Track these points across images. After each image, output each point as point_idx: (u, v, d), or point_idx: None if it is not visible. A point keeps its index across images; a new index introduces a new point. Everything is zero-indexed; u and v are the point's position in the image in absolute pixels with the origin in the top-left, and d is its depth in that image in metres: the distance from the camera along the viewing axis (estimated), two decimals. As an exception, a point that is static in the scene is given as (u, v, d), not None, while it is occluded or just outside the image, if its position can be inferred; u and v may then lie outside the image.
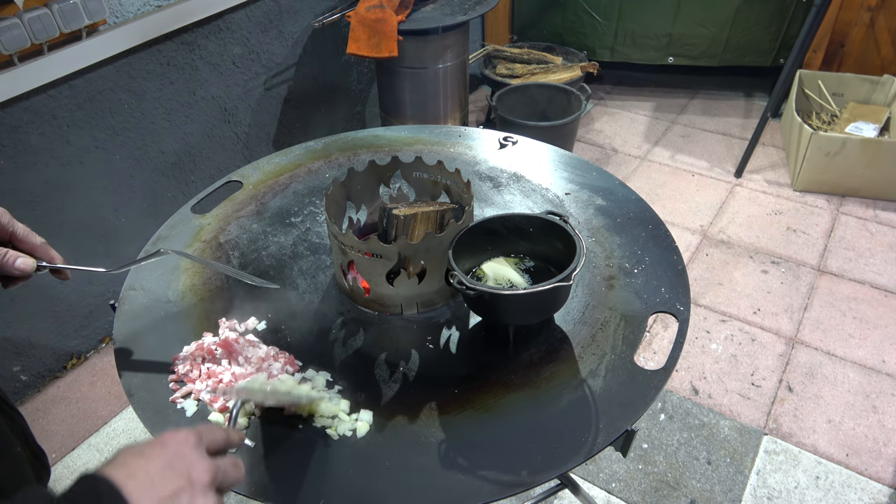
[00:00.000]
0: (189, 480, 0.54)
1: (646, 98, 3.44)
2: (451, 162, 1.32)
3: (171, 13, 1.88)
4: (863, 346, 2.02)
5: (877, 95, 2.85)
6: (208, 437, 0.60)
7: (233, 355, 0.93)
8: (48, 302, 1.88)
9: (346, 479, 0.79)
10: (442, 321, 1.01)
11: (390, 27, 2.19)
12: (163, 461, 0.54)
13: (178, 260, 1.14)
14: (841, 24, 2.91)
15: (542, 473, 0.78)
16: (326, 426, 0.85)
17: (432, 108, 2.57)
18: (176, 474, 0.54)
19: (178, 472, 0.54)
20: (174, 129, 2.05)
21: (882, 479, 1.66)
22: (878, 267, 2.31)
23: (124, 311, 1.04)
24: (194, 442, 0.57)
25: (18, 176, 1.69)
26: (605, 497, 1.65)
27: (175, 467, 0.54)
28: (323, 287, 1.08)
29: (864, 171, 2.54)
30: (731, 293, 2.24)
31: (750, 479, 1.68)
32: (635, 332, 0.96)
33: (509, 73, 3.11)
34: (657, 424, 1.82)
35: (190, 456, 0.56)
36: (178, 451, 0.56)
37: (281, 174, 1.37)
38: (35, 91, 1.65)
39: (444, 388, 0.90)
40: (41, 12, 1.56)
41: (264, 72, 2.30)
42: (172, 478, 0.53)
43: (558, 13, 3.30)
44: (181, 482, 0.54)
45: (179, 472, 0.54)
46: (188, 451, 0.56)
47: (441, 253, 0.95)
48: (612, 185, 1.28)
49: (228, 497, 1.68)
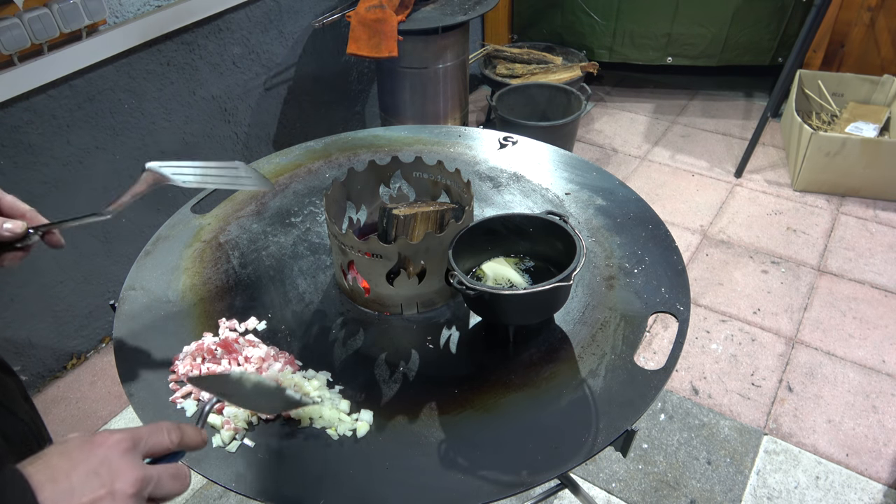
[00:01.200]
0: (111, 490, 0.51)
1: (646, 98, 3.44)
2: (451, 162, 1.32)
3: (171, 13, 1.88)
4: (863, 346, 2.02)
5: (877, 95, 2.85)
6: (150, 442, 0.56)
7: (233, 355, 0.93)
8: (48, 302, 1.88)
9: (346, 479, 0.79)
10: (442, 321, 1.01)
11: (390, 27, 2.19)
12: (88, 466, 0.51)
13: (177, 260, 1.14)
14: (841, 24, 2.91)
15: (542, 473, 0.78)
16: (326, 426, 0.85)
17: (432, 108, 2.57)
18: (99, 482, 0.51)
19: (101, 479, 0.51)
20: (174, 129, 2.05)
21: (882, 479, 1.66)
22: (878, 267, 2.31)
23: (124, 311, 1.04)
24: (126, 447, 0.54)
25: (18, 176, 1.69)
26: (605, 497, 1.65)
27: (99, 474, 0.51)
28: (323, 287, 1.08)
29: (864, 171, 2.54)
30: (731, 293, 2.24)
31: (750, 479, 1.68)
32: (635, 332, 0.96)
33: (509, 73, 3.11)
34: (657, 424, 1.82)
35: (117, 463, 0.53)
36: (106, 457, 0.53)
37: (281, 174, 1.37)
38: (35, 91, 1.65)
39: (444, 388, 0.90)
40: (41, 12, 1.56)
41: (264, 72, 2.30)
42: (94, 486, 0.51)
43: (557, 13, 3.30)
44: (101, 491, 0.51)
45: (103, 480, 0.51)
46: (116, 456, 0.53)
47: (441, 253, 0.95)
48: (612, 185, 1.28)
49: (228, 497, 1.68)
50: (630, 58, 3.27)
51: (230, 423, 0.84)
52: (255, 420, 0.85)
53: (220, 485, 0.79)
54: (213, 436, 0.84)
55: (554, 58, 3.21)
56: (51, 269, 1.85)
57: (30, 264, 1.78)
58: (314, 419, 0.85)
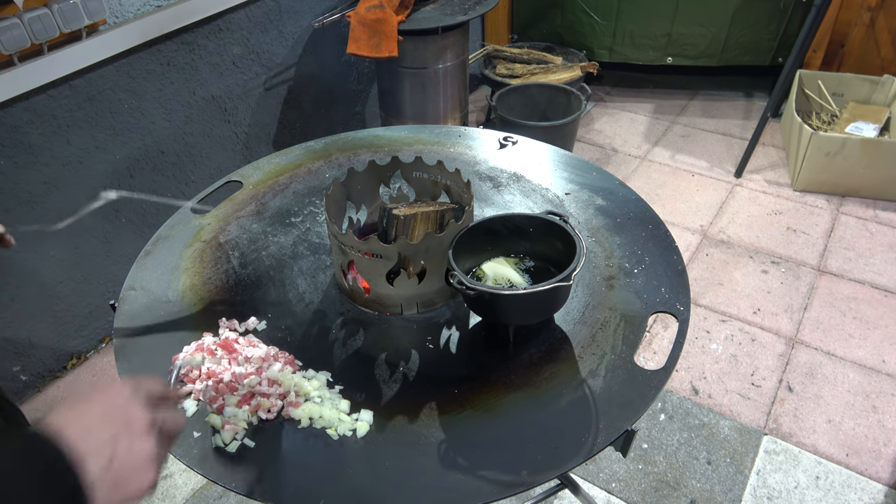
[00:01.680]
0: (126, 425, 0.56)
1: (646, 98, 3.44)
2: (451, 162, 1.32)
3: (171, 13, 1.88)
4: (863, 346, 2.02)
5: (877, 95, 2.85)
6: (144, 388, 0.61)
7: (233, 355, 0.93)
8: (48, 302, 1.88)
9: (346, 479, 0.79)
10: (442, 321, 1.01)
11: (390, 27, 2.19)
12: (98, 411, 0.56)
13: (177, 260, 1.14)
14: (841, 24, 2.91)
15: (542, 473, 0.78)
16: (326, 426, 0.85)
17: (432, 108, 2.57)
18: (112, 421, 0.56)
19: (114, 418, 0.56)
20: (174, 129, 2.05)
21: (882, 479, 1.66)
22: (878, 267, 2.31)
23: (124, 311, 1.04)
24: (128, 393, 0.59)
25: (18, 176, 1.69)
26: (605, 497, 1.65)
27: (111, 415, 0.56)
28: (323, 287, 1.08)
29: (864, 171, 2.54)
30: (731, 293, 2.24)
31: (750, 479, 1.68)
32: (635, 332, 0.96)
33: (509, 73, 3.11)
34: (657, 424, 1.82)
35: (124, 405, 0.58)
36: (112, 402, 0.58)
37: (281, 174, 1.37)
38: (35, 91, 1.65)
39: (444, 388, 0.90)
40: (41, 12, 1.56)
41: (264, 72, 2.30)
42: (109, 424, 0.55)
43: (557, 13, 3.30)
44: (118, 427, 0.56)
45: (115, 419, 0.56)
46: (122, 401, 0.58)
47: (441, 253, 0.95)
48: (612, 185, 1.28)
49: (228, 497, 1.68)
50: (630, 58, 3.27)
51: (230, 424, 0.84)
52: (255, 420, 0.86)
53: (220, 485, 0.79)
54: (214, 436, 0.84)
55: (554, 58, 3.21)
56: (51, 269, 1.85)
57: (30, 264, 1.78)
58: (314, 419, 0.86)
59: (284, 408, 0.87)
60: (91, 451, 0.53)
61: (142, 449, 0.57)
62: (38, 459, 0.50)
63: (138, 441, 0.57)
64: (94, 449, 0.53)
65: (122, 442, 0.55)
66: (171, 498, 1.69)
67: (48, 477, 0.50)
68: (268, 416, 0.86)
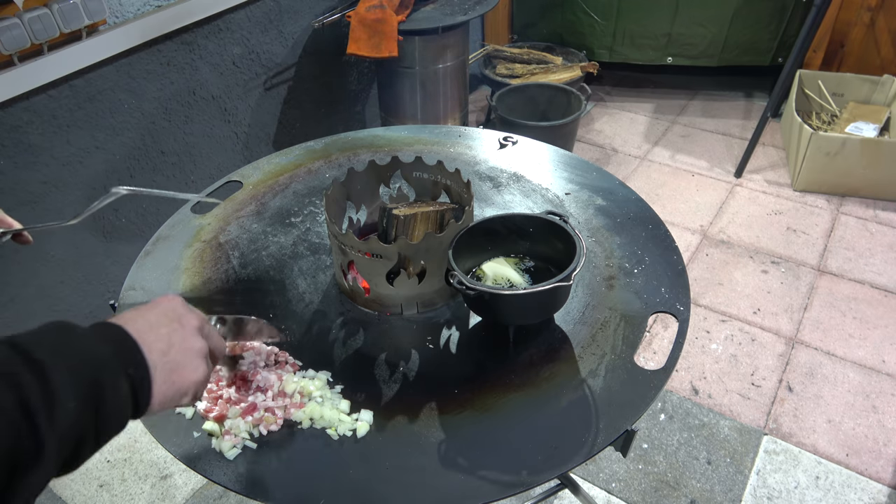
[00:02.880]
0: (181, 323, 0.65)
1: (646, 98, 3.44)
2: (451, 162, 1.32)
3: (171, 13, 1.88)
4: (863, 346, 2.02)
5: (877, 95, 2.85)
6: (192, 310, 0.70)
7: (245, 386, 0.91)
8: (48, 302, 1.88)
9: (346, 479, 0.79)
10: (442, 321, 1.01)
11: (390, 27, 2.19)
12: (156, 312, 0.65)
13: (177, 260, 1.14)
14: (841, 24, 2.91)
15: (542, 473, 0.78)
16: (326, 426, 0.85)
17: (432, 108, 2.57)
18: (168, 318, 0.65)
19: (170, 317, 0.65)
20: (174, 129, 2.05)
21: (882, 479, 1.66)
22: (878, 267, 2.31)
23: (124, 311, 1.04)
24: (181, 301, 0.69)
25: (18, 176, 1.69)
26: (605, 497, 1.65)
27: (167, 314, 0.65)
28: (323, 287, 1.08)
29: (864, 171, 2.54)
30: (731, 293, 2.24)
31: (750, 479, 1.68)
32: (635, 332, 0.96)
33: (509, 73, 3.11)
34: (657, 424, 1.82)
35: (178, 309, 0.67)
36: (168, 306, 0.67)
37: (281, 174, 1.37)
38: (35, 91, 1.65)
39: (444, 388, 0.90)
40: (41, 12, 1.56)
41: (264, 72, 2.30)
42: (166, 321, 0.64)
43: (557, 13, 3.30)
44: (174, 324, 0.65)
45: (171, 318, 0.65)
46: (176, 305, 0.68)
47: (441, 253, 0.95)
48: (612, 185, 1.28)
49: (228, 497, 1.68)
50: (630, 58, 3.27)
51: (230, 434, 0.83)
52: (257, 433, 0.85)
53: (221, 485, 0.79)
54: (213, 440, 0.84)
55: (554, 58, 3.21)
56: (51, 269, 1.85)
57: (30, 264, 1.78)
58: (314, 419, 0.85)
59: (287, 409, 0.86)
60: (152, 339, 0.61)
61: (193, 344, 0.65)
62: (109, 338, 0.58)
63: (191, 338, 0.65)
64: (155, 338, 0.61)
65: (177, 335, 0.64)
66: (171, 498, 1.69)
67: (119, 353, 0.58)
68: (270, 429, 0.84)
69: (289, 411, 0.86)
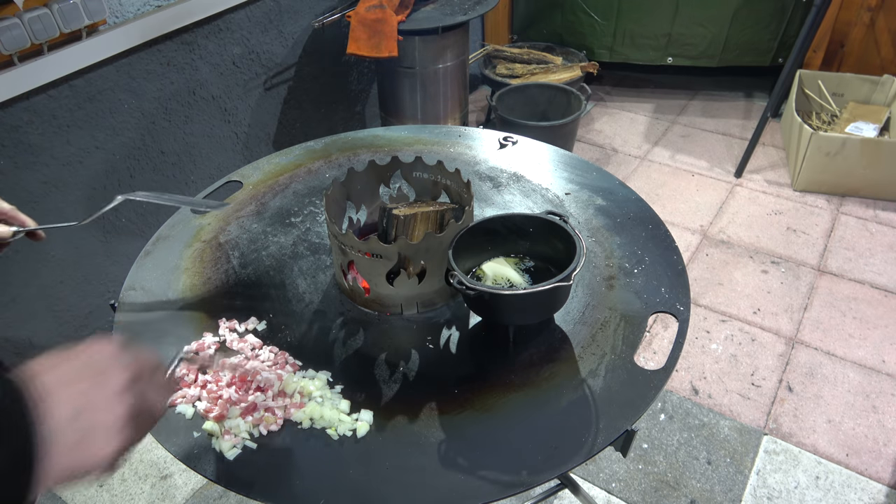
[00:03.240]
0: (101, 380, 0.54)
1: (646, 98, 3.44)
2: (451, 162, 1.32)
3: (171, 13, 1.88)
4: (863, 346, 2.02)
5: (877, 95, 2.85)
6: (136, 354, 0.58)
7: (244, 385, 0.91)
8: (48, 302, 1.88)
9: (346, 479, 0.79)
10: (442, 321, 1.01)
11: (390, 27, 2.19)
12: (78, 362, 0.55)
13: (177, 260, 1.14)
14: (841, 24, 2.91)
15: (542, 473, 0.78)
16: (326, 426, 0.85)
17: (432, 108, 2.57)
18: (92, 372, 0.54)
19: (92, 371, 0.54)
20: (174, 129, 2.05)
21: (882, 479, 1.66)
22: (878, 267, 2.31)
23: (124, 311, 1.04)
24: (114, 351, 0.57)
25: (18, 176, 1.69)
26: (605, 497, 1.65)
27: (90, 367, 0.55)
28: (323, 287, 1.08)
29: (864, 171, 2.54)
30: (731, 293, 2.24)
31: (750, 479, 1.68)
32: (635, 332, 0.96)
33: (509, 73, 3.11)
34: (657, 424, 1.82)
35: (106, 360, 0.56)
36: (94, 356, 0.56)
37: (281, 174, 1.37)
38: (35, 91, 1.65)
39: (444, 388, 0.90)
40: (41, 12, 1.56)
41: (264, 72, 2.30)
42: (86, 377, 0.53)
43: (557, 13, 3.30)
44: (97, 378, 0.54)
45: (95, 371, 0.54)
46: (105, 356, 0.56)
47: (441, 253, 0.95)
48: (612, 185, 1.28)
49: (228, 497, 1.68)
50: (630, 58, 3.27)
51: (230, 434, 0.83)
52: (257, 433, 0.85)
53: (220, 485, 0.79)
54: (212, 439, 0.84)
55: (554, 58, 3.21)
56: (51, 269, 1.85)
57: (30, 264, 1.78)
58: (314, 419, 0.85)
59: (287, 409, 0.86)
60: (62, 398, 0.50)
61: (113, 410, 0.53)
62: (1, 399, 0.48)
63: (112, 400, 0.53)
64: (66, 397, 0.51)
65: (93, 396, 0.52)
66: (171, 498, 1.69)
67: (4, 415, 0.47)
68: (269, 428, 0.85)
69: (289, 411, 0.86)
